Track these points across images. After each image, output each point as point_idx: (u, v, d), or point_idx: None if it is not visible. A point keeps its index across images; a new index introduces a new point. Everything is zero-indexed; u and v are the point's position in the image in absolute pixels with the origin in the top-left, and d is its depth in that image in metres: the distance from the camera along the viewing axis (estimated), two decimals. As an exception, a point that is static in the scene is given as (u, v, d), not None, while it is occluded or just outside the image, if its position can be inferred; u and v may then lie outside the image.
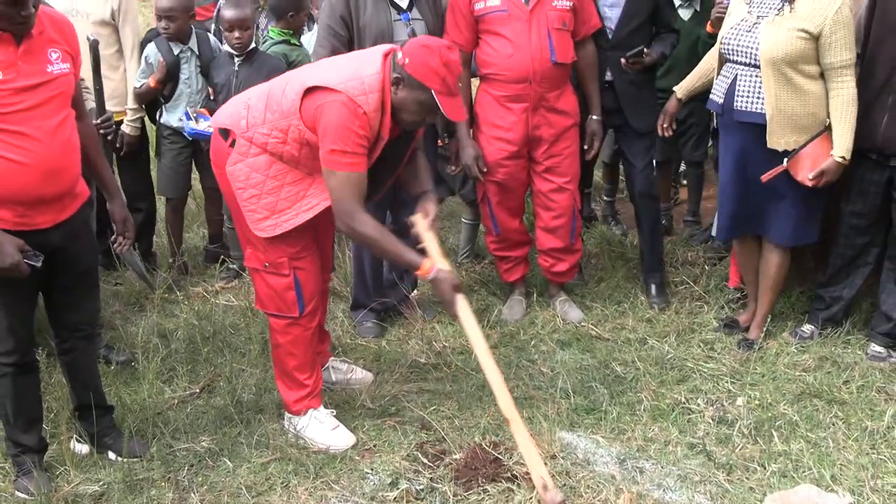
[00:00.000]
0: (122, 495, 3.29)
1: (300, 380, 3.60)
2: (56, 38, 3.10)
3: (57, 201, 3.12)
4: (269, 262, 3.45)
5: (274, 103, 3.31)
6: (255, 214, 3.37)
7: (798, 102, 3.84)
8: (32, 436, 3.37)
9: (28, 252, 3.03)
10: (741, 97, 3.96)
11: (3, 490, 3.34)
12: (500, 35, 4.24)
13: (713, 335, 4.41)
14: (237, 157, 3.36)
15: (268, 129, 3.30)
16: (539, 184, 4.54)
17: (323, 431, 3.58)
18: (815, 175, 3.85)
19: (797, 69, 3.81)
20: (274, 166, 3.33)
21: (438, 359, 4.22)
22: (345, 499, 3.28)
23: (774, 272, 4.20)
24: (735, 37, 3.97)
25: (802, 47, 3.78)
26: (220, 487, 3.35)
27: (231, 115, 3.45)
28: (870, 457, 3.43)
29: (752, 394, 3.88)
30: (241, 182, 3.36)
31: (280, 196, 3.35)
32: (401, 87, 3.22)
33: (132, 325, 4.56)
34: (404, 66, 3.19)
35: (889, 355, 4.13)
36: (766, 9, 3.89)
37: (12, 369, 3.25)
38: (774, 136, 3.90)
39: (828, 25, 3.73)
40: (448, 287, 3.31)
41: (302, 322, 3.53)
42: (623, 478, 3.36)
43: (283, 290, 3.47)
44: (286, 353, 3.58)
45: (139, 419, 3.71)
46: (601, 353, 4.28)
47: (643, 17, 4.48)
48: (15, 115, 2.95)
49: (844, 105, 3.81)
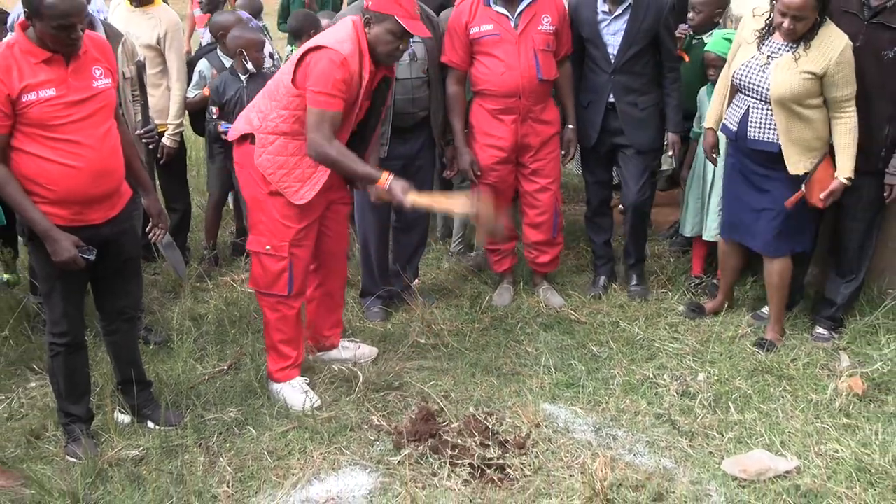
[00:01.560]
0: (159, 459, 3.29)
1: (284, 352, 3.67)
2: (98, 57, 3.12)
3: (107, 199, 3.14)
4: (270, 246, 3.52)
5: (274, 93, 3.46)
6: (291, 189, 3.47)
7: (806, 130, 3.79)
8: (81, 407, 3.37)
9: (82, 247, 3.05)
10: (754, 128, 3.89)
11: (55, 454, 3.34)
12: (493, 55, 4.22)
13: (678, 319, 4.40)
14: (260, 151, 3.45)
15: (275, 115, 3.42)
16: (525, 185, 4.52)
17: (294, 395, 3.65)
18: (825, 196, 3.80)
19: (804, 104, 3.75)
20: (290, 145, 3.43)
21: (436, 339, 4.20)
22: (354, 462, 3.28)
23: (776, 280, 4.08)
24: (747, 74, 3.87)
25: (809, 87, 3.71)
26: (246, 452, 3.35)
27: (244, 121, 3.56)
28: (814, 425, 3.44)
29: (712, 370, 3.88)
30: (271, 168, 3.45)
31: (303, 166, 3.45)
32: (372, 25, 3.37)
33: (168, 310, 4.54)
34: (369, 7, 3.36)
35: (831, 336, 4.12)
36: (775, 49, 3.80)
37: (65, 349, 3.25)
38: (792, 162, 3.83)
39: (832, 66, 3.66)
40: (399, 190, 3.40)
41: (289, 301, 3.61)
42: (598, 444, 3.36)
43: (279, 272, 3.55)
44: (274, 328, 3.65)
45: (174, 392, 3.71)
46: (579, 334, 4.27)
47: (643, 44, 4.27)
48: (68, 126, 2.98)
49: (847, 133, 3.74)
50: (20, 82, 2.89)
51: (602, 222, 4.80)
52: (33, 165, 2.97)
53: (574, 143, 4.55)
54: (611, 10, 4.28)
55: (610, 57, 4.33)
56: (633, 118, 4.40)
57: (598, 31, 4.32)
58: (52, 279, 3.15)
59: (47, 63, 2.95)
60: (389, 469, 3.23)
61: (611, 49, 4.32)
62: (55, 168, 2.98)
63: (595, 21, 4.31)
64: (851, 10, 3.77)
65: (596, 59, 4.38)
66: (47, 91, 2.93)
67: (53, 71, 2.95)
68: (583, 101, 4.50)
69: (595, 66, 4.39)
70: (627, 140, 4.45)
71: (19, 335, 4.13)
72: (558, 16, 4.29)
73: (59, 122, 2.96)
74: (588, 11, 4.33)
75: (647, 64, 4.38)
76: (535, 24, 4.22)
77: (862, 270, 4.13)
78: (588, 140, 4.52)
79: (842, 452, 3.23)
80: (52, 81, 2.94)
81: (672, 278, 4.83)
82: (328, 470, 3.24)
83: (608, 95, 4.38)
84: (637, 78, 4.36)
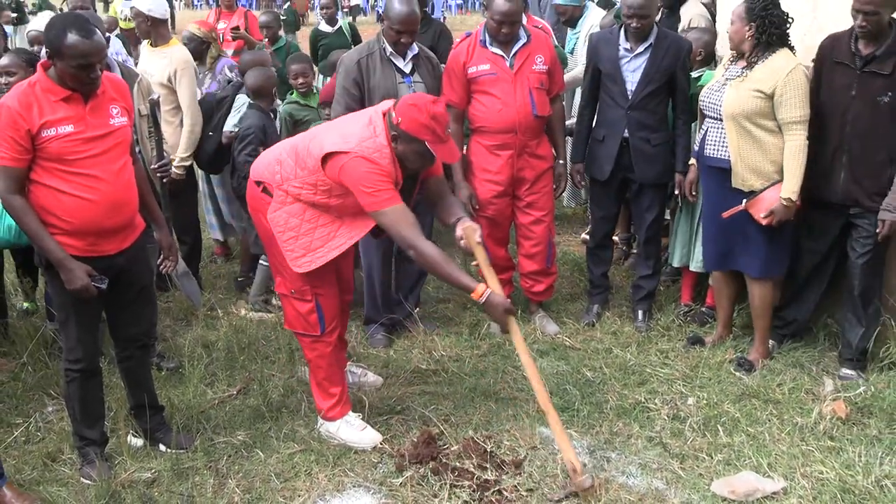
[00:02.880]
0: (170, 481, 3.29)
1: (329, 390, 3.57)
2: (115, 97, 3.16)
3: (121, 231, 3.17)
4: (294, 290, 3.44)
5: (301, 160, 3.29)
6: (293, 253, 3.35)
7: (757, 151, 3.84)
8: (96, 431, 3.38)
9: (95, 276, 3.07)
10: (710, 145, 4.00)
11: (70, 476, 3.35)
12: (490, 94, 4.29)
13: (668, 345, 4.41)
14: (276, 206, 3.34)
15: (299, 183, 3.29)
16: (521, 217, 4.56)
17: (354, 433, 3.55)
18: (765, 215, 3.85)
19: (756, 123, 3.82)
20: (308, 212, 3.32)
21: (437, 365, 4.22)
22: (358, 484, 3.28)
23: (758, 303, 4.11)
24: (707, 95, 4.02)
25: (758, 105, 3.79)
26: (254, 474, 3.35)
27: (266, 168, 3.42)
28: (800, 448, 3.44)
29: (701, 394, 3.89)
30: (281, 226, 3.34)
31: (314, 237, 3.33)
32: (399, 143, 3.20)
33: (180, 337, 4.57)
34: (398, 124, 3.17)
35: (859, 376, 3.98)
36: (734, 73, 3.92)
37: (80, 374, 3.27)
38: (738, 177, 3.92)
39: (779, 87, 3.74)
40: (499, 311, 3.24)
41: (324, 339, 3.51)
42: (593, 466, 3.37)
43: (307, 313, 3.46)
44: (315, 366, 3.56)
45: (185, 416, 3.72)
46: (573, 360, 4.28)
47: (660, 83, 4.29)
48: (85, 161, 3.02)
49: (793, 154, 3.79)
50: (40, 118, 2.94)
51: (603, 255, 4.83)
52: (51, 198, 3.01)
53: (564, 177, 4.61)
54: (632, 47, 4.31)
55: (628, 93, 4.34)
56: (645, 153, 4.39)
57: (618, 67, 4.34)
58: (68, 307, 3.18)
59: (66, 101, 3.00)
60: (392, 490, 3.23)
61: (629, 85, 4.34)
62: (72, 200, 3.02)
63: (616, 57, 4.34)
64: (844, 61, 3.82)
65: (613, 94, 4.39)
66: (66, 127, 2.98)
67: (72, 108, 3.00)
68: (597, 134, 4.51)
69: (612, 101, 4.41)
70: (637, 175, 4.45)
71: (38, 361, 4.14)
72: (550, 57, 4.38)
73: (77, 157, 3.00)
74: (610, 48, 4.37)
75: (662, 102, 4.41)
76: (529, 63, 4.30)
77: (871, 320, 4.00)
78: (602, 174, 4.51)
79: (826, 474, 3.23)
80: (71, 118, 2.99)
81: (662, 306, 4.85)
82: (333, 491, 3.24)
83: (623, 130, 4.39)
84: (651, 115, 4.38)
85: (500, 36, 4.27)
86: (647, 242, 4.65)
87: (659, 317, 4.73)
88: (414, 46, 4.27)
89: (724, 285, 4.32)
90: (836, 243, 4.04)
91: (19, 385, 4.03)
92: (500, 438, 3.52)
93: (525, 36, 4.33)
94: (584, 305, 4.92)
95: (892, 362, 4.03)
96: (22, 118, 2.93)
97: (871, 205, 3.82)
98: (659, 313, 4.77)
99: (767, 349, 4.20)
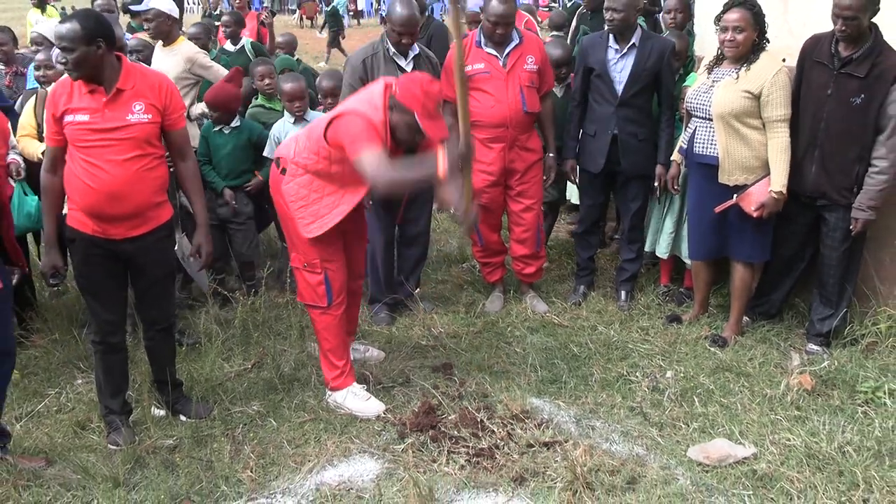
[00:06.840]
0: (191, 447, 3.28)
1: (333, 361, 3.56)
2: (145, 93, 3.07)
3: (126, 220, 3.10)
4: (307, 262, 3.46)
5: (312, 133, 3.36)
6: (304, 220, 3.39)
7: (744, 148, 3.80)
8: (118, 401, 3.37)
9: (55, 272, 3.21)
10: (699, 143, 3.94)
11: (98, 443, 3.34)
12: (484, 91, 4.24)
13: (648, 323, 4.39)
14: (289, 178, 3.40)
15: (307, 153, 3.33)
16: (512, 205, 4.53)
17: (359, 402, 3.54)
18: (756, 208, 3.81)
19: (743, 122, 3.77)
20: (315, 182, 3.35)
21: (436, 341, 4.19)
22: (363, 450, 3.27)
23: (738, 284, 4.08)
24: (695, 97, 3.95)
25: (746, 104, 3.74)
26: (267, 441, 3.34)
27: (285, 146, 3.52)
28: (769, 417, 3.43)
29: (679, 368, 3.87)
30: (293, 196, 3.38)
31: (321, 204, 3.36)
32: (394, 112, 3.22)
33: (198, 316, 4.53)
34: (395, 94, 3.21)
35: (824, 352, 3.95)
36: (721, 75, 3.86)
37: (102, 347, 3.28)
38: (725, 174, 3.87)
39: (766, 87, 3.69)
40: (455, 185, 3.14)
41: (330, 311, 3.51)
42: (579, 433, 3.36)
43: (316, 284, 3.47)
44: (322, 337, 3.56)
45: (204, 388, 3.70)
46: (561, 336, 4.26)
47: (646, 81, 4.26)
48: (92, 150, 3.01)
49: (778, 151, 3.75)
50: (64, 105, 3.02)
51: (591, 240, 4.79)
52: (70, 176, 3.08)
53: (553, 168, 4.56)
54: (620, 48, 4.28)
55: (616, 91, 4.30)
56: (632, 147, 4.36)
57: (607, 68, 4.31)
58: (85, 288, 3.23)
59: (91, 93, 3.01)
60: (395, 456, 3.22)
61: (617, 84, 4.30)
62: (78, 183, 3.04)
63: (605, 59, 4.30)
64: (823, 61, 3.75)
65: (603, 92, 4.35)
66: (82, 116, 3.00)
67: (94, 100, 3.01)
68: (589, 130, 4.47)
69: (602, 98, 4.36)
70: (624, 167, 4.41)
71: (69, 338, 4.11)
72: (540, 57, 4.33)
73: (84, 145, 3.01)
74: (600, 50, 4.32)
75: (648, 100, 4.38)
76: (521, 63, 4.25)
77: (841, 307, 3.96)
78: (596, 167, 4.46)
79: (793, 441, 3.22)
80: (88, 109, 3.00)
81: (643, 287, 4.83)
82: (340, 457, 3.23)
83: (613, 126, 4.35)
84: (638, 111, 4.34)
85: (495, 37, 4.21)
86: (631, 229, 4.62)
87: (640, 297, 4.71)
88: (415, 47, 4.22)
89: (702, 270, 4.29)
90: (811, 232, 3.99)
91: (51, 359, 4.01)
92: (494, 408, 3.50)
93: (518, 37, 4.29)
94: (572, 286, 4.89)
95: (854, 338, 4.01)
96: (52, 103, 3.04)
97: (838, 198, 3.78)
98: (640, 294, 4.75)
99: (741, 327, 4.17)
